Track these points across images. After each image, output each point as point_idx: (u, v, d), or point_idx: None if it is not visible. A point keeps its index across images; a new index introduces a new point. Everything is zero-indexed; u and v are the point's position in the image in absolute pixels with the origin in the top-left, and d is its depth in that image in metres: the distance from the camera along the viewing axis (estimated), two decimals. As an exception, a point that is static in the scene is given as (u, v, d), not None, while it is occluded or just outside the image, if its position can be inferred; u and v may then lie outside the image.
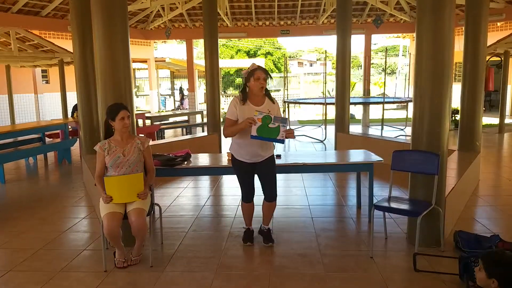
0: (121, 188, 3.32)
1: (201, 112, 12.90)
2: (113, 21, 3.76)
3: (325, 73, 11.66)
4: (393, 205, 3.64)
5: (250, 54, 29.33)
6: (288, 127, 3.48)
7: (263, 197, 3.78)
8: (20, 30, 9.79)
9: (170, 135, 11.60)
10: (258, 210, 3.86)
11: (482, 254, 2.42)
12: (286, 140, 3.70)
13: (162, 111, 17.81)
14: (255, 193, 3.79)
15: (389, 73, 28.64)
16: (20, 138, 7.99)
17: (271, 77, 3.56)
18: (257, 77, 3.41)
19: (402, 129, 11.38)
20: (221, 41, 15.60)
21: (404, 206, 3.62)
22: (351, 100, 9.12)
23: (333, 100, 8.61)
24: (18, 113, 13.51)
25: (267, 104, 3.55)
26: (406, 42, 21.63)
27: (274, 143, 3.62)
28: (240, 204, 3.95)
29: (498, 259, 2.29)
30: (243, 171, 3.67)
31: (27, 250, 3.78)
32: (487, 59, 7.84)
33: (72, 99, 8.08)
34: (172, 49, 27.49)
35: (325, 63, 11.84)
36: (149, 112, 14.31)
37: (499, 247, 3.57)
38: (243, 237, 3.88)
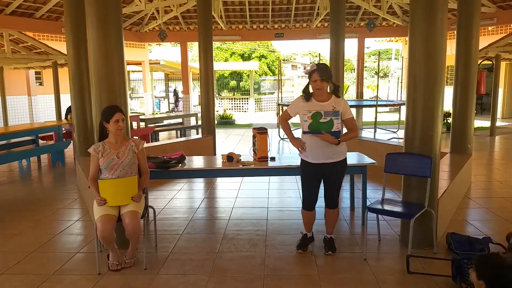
0: (115, 191, 3.31)
1: (195, 115, 12.92)
2: (108, 23, 3.76)
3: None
4: (387, 207, 3.67)
5: (245, 57, 29.27)
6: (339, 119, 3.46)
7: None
8: (14, 31, 9.75)
9: (164, 137, 11.57)
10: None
11: (477, 255, 2.47)
12: (281, 143, 3.70)
13: (156, 113, 17.77)
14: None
15: (382, 76, 28.79)
16: (13, 140, 7.94)
17: (330, 77, 3.46)
18: (314, 79, 3.43)
19: (395, 132, 11.45)
20: (215, 44, 15.60)
21: (397, 209, 3.65)
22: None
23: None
24: (11, 115, 13.42)
25: (333, 100, 3.50)
26: (398, 45, 21.80)
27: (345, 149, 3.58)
28: (231, 207, 3.94)
29: (489, 262, 2.32)
30: (309, 173, 3.58)
31: (19, 253, 3.75)
32: (478, 63, 7.92)
33: (66, 101, 8.04)
34: (167, 52, 27.50)
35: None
36: (144, 114, 14.27)
37: None
38: (298, 243, 3.75)
